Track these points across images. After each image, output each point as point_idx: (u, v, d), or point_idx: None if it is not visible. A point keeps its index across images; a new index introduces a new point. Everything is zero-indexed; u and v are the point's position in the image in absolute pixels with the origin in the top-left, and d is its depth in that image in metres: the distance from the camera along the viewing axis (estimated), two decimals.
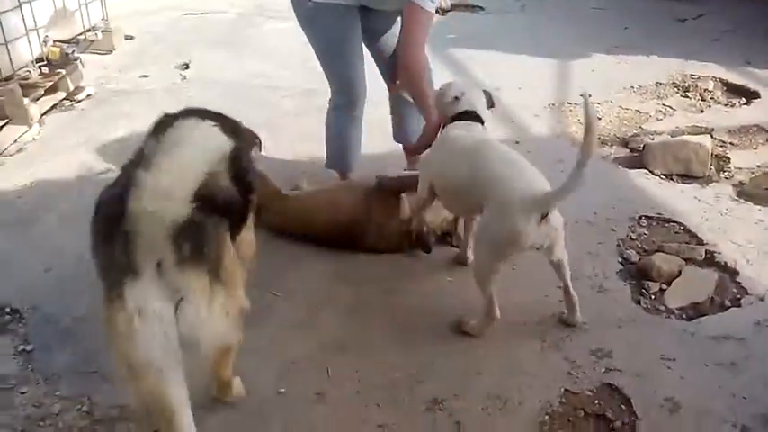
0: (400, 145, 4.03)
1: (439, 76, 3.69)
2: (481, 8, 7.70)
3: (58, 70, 4.91)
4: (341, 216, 3.36)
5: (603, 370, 2.68)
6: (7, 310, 2.98)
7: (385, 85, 3.77)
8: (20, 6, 4.56)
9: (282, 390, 2.61)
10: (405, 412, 2.52)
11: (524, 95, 5.30)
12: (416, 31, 3.14)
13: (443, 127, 3.12)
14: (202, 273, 1.90)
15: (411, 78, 3.30)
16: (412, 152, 3.65)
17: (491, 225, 2.69)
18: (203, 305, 1.91)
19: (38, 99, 4.71)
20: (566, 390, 2.60)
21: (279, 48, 6.35)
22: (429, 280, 3.25)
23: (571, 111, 5.08)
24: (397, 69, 3.37)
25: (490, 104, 3.19)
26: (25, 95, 4.51)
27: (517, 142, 4.54)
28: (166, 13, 7.45)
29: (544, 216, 2.57)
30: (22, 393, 2.56)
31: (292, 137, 4.59)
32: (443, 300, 3.11)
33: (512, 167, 2.72)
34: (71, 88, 5.03)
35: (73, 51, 4.99)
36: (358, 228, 3.36)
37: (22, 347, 2.78)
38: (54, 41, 5.00)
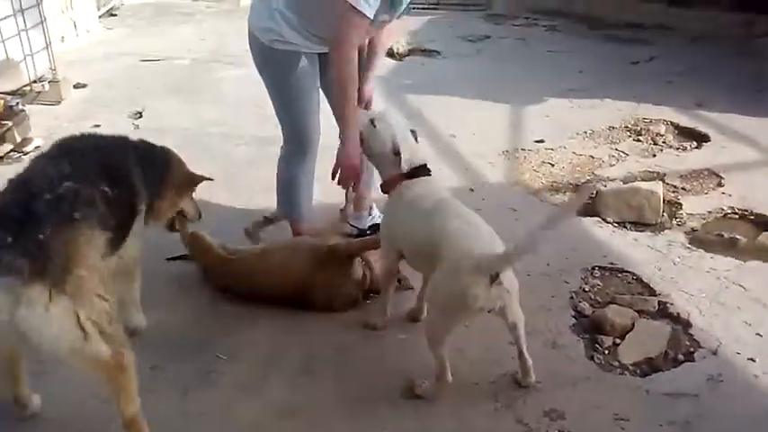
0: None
1: None
2: (437, 52, 7.75)
3: (4, 122, 4.80)
4: (289, 280, 3.28)
5: None
6: None
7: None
8: None
9: None
10: None
11: (479, 142, 5.31)
12: (345, 28, 2.96)
13: (388, 184, 3.04)
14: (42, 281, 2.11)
15: (337, 74, 3.06)
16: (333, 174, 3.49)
17: (441, 286, 2.66)
18: (39, 308, 2.11)
19: None
20: None
21: (234, 94, 6.30)
22: (381, 337, 3.18)
23: (525, 158, 5.10)
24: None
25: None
26: None
27: (471, 190, 4.54)
28: (121, 59, 7.37)
29: (495, 278, 2.51)
30: None
31: (248, 187, 4.53)
32: (396, 359, 3.05)
33: (465, 227, 2.69)
34: (18, 140, 4.91)
35: (17, 103, 4.89)
36: (307, 291, 3.29)
37: None
38: None
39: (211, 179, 3.41)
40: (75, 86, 6.25)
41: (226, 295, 3.42)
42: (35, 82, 5.56)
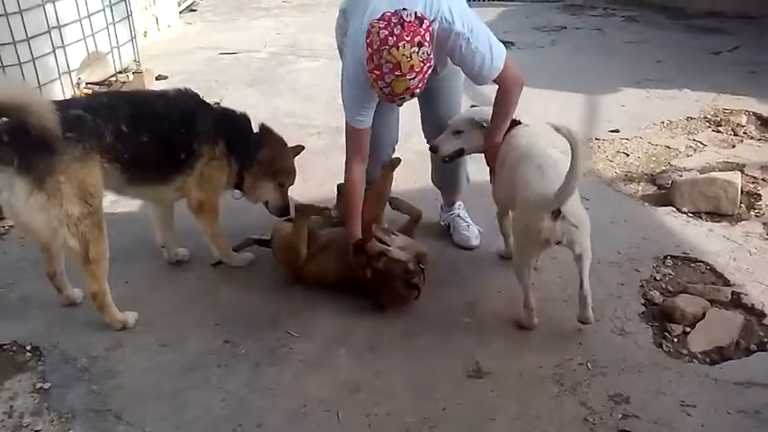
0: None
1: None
2: (512, 44, 7.69)
3: None
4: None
5: (620, 416, 2.61)
6: (28, 347, 3.04)
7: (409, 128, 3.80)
8: (54, 51, 4.71)
9: None
10: None
11: (553, 131, 5.25)
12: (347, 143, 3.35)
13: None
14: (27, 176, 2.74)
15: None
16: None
17: (516, 224, 3.14)
18: (22, 197, 2.77)
19: None
20: None
21: (308, 86, 6.44)
22: (446, 321, 3.21)
23: (599, 147, 5.03)
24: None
25: None
26: None
27: None
28: (201, 52, 7.62)
29: (557, 213, 2.79)
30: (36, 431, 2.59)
31: (319, 174, 4.62)
32: (460, 341, 3.07)
33: (534, 172, 2.98)
34: None
35: None
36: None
37: (39, 385, 2.83)
38: (86, 84, 5.14)
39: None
40: (157, 78, 6.50)
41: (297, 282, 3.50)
42: (120, 73, 5.80)
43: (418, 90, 2.93)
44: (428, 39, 2.83)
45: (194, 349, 3.04)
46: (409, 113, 3.73)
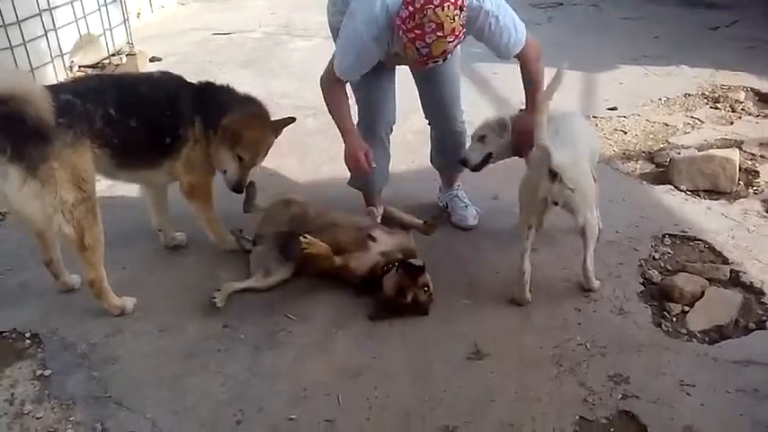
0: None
1: (463, 93, 3.75)
2: None
3: None
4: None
5: (620, 396, 2.62)
6: (27, 334, 3.02)
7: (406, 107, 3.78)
8: (45, 34, 4.66)
9: (293, 417, 2.59)
10: None
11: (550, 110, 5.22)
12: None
13: None
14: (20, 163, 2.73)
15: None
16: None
17: (522, 180, 3.18)
18: (16, 185, 2.75)
19: None
20: (580, 417, 2.54)
21: (303, 66, 6.38)
22: (445, 302, 3.20)
23: (597, 125, 5.00)
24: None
25: None
26: None
27: None
28: (194, 33, 7.55)
29: (554, 175, 2.90)
30: (38, 419, 2.59)
31: (316, 156, 4.60)
32: (459, 324, 3.07)
33: (552, 133, 3.00)
34: None
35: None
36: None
37: (39, 372, 2.82)
38: (79, 67, 5.09)
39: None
40: (151, 60, 6.45)
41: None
42: (113, 55, 5.75)
43: (450, 55, 2.97)
44: (465, 5, 2.85)
45: (193, 334, 3.03)
46: (405, 93, 3.71)
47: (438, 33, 2.80)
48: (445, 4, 2.76)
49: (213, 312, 3.13)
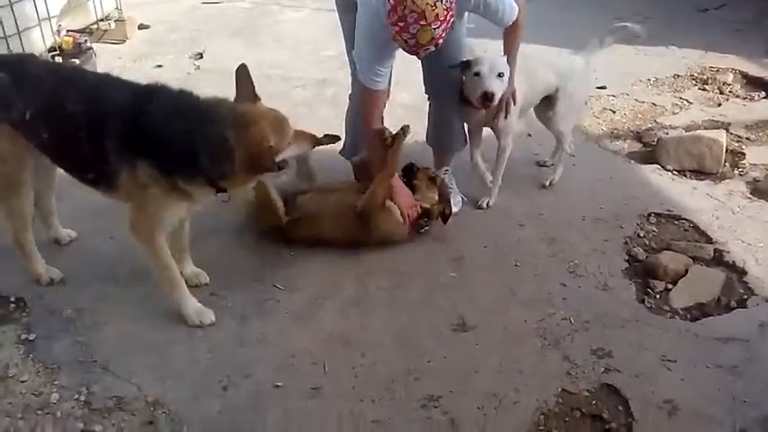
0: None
1: None
2: None
3: (72, 60, 4.93)
4: (344, 235, 3.37)
5: (603, 370, 2.66)
6: (12, 299, 3.01)
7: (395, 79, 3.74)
8: None
9: (280, 384, 2.61)
10: (400, 409, 2.51)
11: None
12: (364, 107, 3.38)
13: None
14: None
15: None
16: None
17: None
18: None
19: None
20: (563, 389, 2.58)
21: (293, 37, 6.34)
22: (432, 275, 3.23)
23: (585, 103, 5.00)
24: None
25: None
26: None
27: (529, 135, 4.48)
28: (184, 1, 7.44)
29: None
30: (22, 382, 2.59)
31: (307, 127, 4.54)
32: (445, 295, 3.10)
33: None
34: None
35: (86, 41, 5.02)
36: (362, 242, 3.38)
37: (24, 336, 2.81)
38: (67, 31, 5.02)
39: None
40: (140, 27, 6.36)
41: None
42: (102, 20, 5.67)
43: (441, 40, 2.91)
44: None
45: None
46: (394, 66, 3.67)
47: (421, 22, 2.77)
48: None
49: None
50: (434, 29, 2.80)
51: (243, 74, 2.78)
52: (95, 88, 2.75)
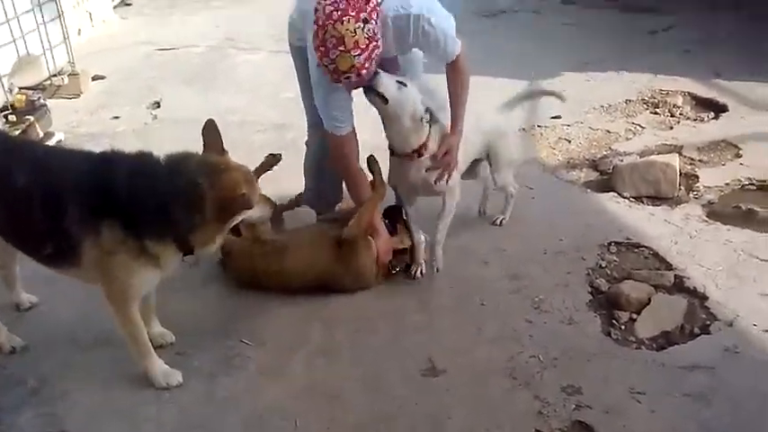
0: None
1: None
2: None
3: (27, 117, 4.88)
4: (314, 270, 3.35)
5: (574, 407, 2.67)
6: None
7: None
8: None
9: None
10: None
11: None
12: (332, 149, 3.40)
13: None
14: None
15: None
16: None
17: None
18: None
19: None
20: (536, 430, 2.59)
21: (250, 80, 6.35)
22: (399, 318, 3.23)
23: (542, 134, 5.10)
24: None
25: None
26: None
27: None
28: (138, 49, 7.40)
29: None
30: None
31: (266, 174, 4.56)
32: (413, 338, 3.10)
33: None
34: (41, 134, 4.99)
35: (39, 98, 4.97)
36: (334, 278, 3.36)
37: None
38: (19, 89, 4.97)
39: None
40: (94, 78, 6.32)
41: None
42: (55, 76, 5.63)
43: (365, 71, 2.92)
44: (375, 17, 2.85)
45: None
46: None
47: (340, 48, 2.81)
48: (344, 18, 2.78)
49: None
50: (354, 56, 2.82)
51: (211, 128, 2.79)
52: (45, 160, 2.72)
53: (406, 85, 3.18)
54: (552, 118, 5.30)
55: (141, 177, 2.56)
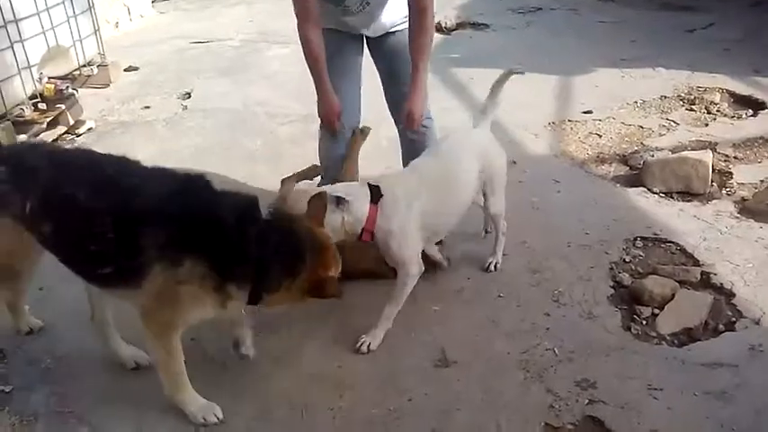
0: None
1: (439, 98, 3.66)
2: (486, 26, 7.64)
3: (58, 105, 4.95)
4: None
5: (587, 402, 2.59)
6: None
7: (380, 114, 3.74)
8: (11, 46, 4.62)
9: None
10: None
11: (525, 114, 5.19)
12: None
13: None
14: None
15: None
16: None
17: None
18: None
19: (38, 135, 4.75)
20: (546, 424, 2.51)
21: (280, 73, 6.38)
22: (414, 309, 3.15)
23: (572, 129, 5.00)
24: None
25: None
26: (22, 132, 4.56)
27: (514, 162, 4.44)
28: (173, 42, 7.51)
29: None
30: None
31: (292, 163, 4.54)
32: (427, 330, 3.04)
33: None
34: (71, 122, 5.07)
35: (67, 87, 5.03)
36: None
37: (0, 388, 2.76)
38: (49, 78, 5.04)
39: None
40: (127, 69, 6.41)
41: None
42: (84, 66, 5.70)
43: None
44: None
45: None
46: (379, 100, 3.65)
47: None
48: None
49: None
50: None
51: (318, 198, 2.67)
52: (124, 180, 2.50)
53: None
54: (584, 113, 5.21)
55: (249, 225, 2.41)
